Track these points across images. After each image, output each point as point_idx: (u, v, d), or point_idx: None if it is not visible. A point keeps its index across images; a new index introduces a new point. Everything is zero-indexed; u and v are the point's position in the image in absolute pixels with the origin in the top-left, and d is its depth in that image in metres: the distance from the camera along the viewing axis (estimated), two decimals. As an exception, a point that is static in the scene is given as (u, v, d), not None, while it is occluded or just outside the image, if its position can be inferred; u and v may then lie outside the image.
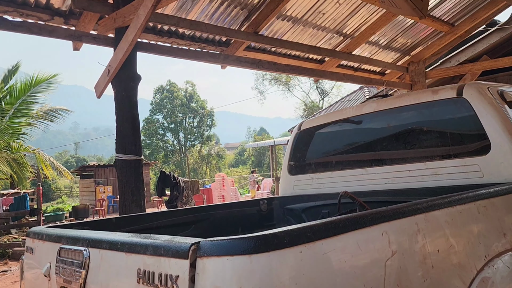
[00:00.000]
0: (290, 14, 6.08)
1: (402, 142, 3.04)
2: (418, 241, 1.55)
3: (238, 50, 6.03)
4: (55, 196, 40.08)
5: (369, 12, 6.63)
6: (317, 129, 3.70)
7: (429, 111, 2.92)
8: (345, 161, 3.43)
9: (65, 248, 1.79)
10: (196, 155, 45.48)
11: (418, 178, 2.82)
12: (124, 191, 4.21)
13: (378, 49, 7.87)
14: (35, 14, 4.28)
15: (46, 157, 14.29)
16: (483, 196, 1.93)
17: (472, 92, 2.66)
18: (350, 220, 1.39)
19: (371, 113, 3.25)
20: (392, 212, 1.53)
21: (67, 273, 1.73)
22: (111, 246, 1.52)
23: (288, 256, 1.17)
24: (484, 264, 1.75)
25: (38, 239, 2.10)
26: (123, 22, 4.15)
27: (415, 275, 1.49)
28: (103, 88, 4.31)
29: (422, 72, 8.29)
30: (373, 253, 1.39)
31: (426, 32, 7.83)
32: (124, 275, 1.42)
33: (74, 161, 59.38)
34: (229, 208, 3.43)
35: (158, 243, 1.31)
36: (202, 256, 1.16)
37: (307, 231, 1.25)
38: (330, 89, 41.31)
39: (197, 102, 47.19)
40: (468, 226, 1.81)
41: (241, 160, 56.12)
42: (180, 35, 5.53)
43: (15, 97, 13.30)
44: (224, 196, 17.38)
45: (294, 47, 6.46)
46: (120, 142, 4.23)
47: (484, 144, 2.56)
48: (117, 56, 4.07)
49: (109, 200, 21.29)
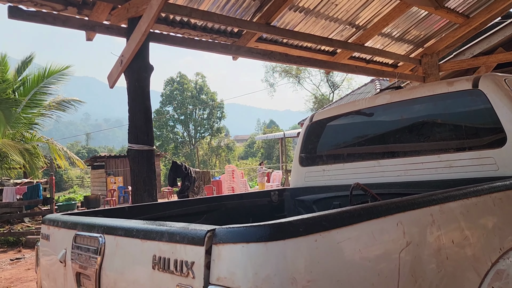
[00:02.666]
0: (302, 5, 6.03)
1: (416, 134, 3.02)
2: (432, 232, 1.54)
3: (250, 41, 6.00)
4: (67, 186, 40.57)
5: (382, 3, 6.54)
6: (328, 121, 3.68)
7: (443, 103, 2.88)
8: (357, 153, 3.42)
9: (81, 235, 1.81)
10: (206, 147, 45.63)
11: (432, 170, 2.80)
12: (136, 181, 4.25)
13: (391, 41, 7.77)
14: (49, 4, 4.30)
15: (59, 147, 14.45)
16: (498, 189, 1.91)
17: (488, 84, 2.63)
18: (365, 209, 1.39)
19: (384, 104, 3.22)
20: (407, 202, 1.52)
21: (82, 259, 1.76)
22: (126, 232, 1.54)
23: (303, 244, 1.17)
24: (499, 256, 1.74)
25: (53, 226, 2.13)
26: (136, 12, 4.16)
27: (430, 266, 1.49)
28: (116, 78, 4.34)
29: (436, 64, 8.18)
30: (388, 243, 1.39)
31: (440, 24, 7.71)
32: (140, 261, 1.44)
33: (85, 151, 59.93)
34: (241, 198, 3.44)
35: (173, 230, 1.32)
36: (218, 243, 1.17)
37: (322, 220, 1.25)
38: (340, 82, 41.04)
39: (207, 94, 47.24)
40: (483, 218, 1.79)
41: (251, 153, 56.15)
42: (192, 26, 5.52)
43: (29, 88, 13.45)
44: (234, 188, 17.45)
45: (306, 38, 6.41)
46: (133, 132, 4.26)
47: (499, 137, 2.53)
48: (130, 46, 4.08)
49: (120, 190, 21.48)
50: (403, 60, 8.15)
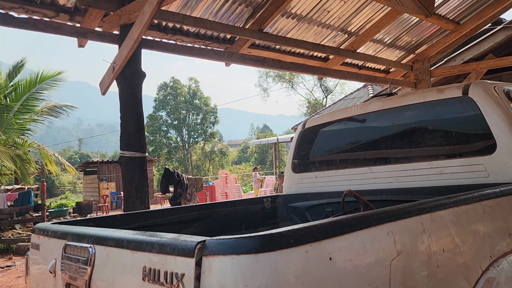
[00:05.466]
0: (294, 11, 6.07)
1: (407, 141, 3.03)
2: (423, 241, 1.54)
3: (243, 48, 6.02)
4: (59, 192, 40.24)
5: (374, 10, 6.60)
6: (321, 127, 3.69)
7: (434, 110, 2.90)
8: (350, 160, 3.43)
9: (71, 245, 1.79)
10: (199, 152, 45.52)
11: (423, 177, 2.81)
12: (128, 188, 4.23)
13: (383, 47, 7.84)
14: (41, 11, 4.28)
15: (51, 153, 14.34)
16: (488, 196, 1.92)
17: (478, 91, 2.65)
18: (356, 219, 1.39)
19: (376, 111, 3.24)
20: (398, 211, 1.52)
21: (72, 270, 1.74)
22: (117, 243, 1.52)
23: (294, 255, 1.17)
24: (489, 264, 1.75)
25: (43, 235, 2.11)
26: (128, 19, 4.15)
27: (420, 275, 1.49)
28: (108, 85, 4.32)
29: (427, 70, 8.26)
30: (379, 252, 1.39)
31: (431, 30, 7.79)
32: (130, 272, 1.42)
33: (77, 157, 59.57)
34: (233, 205, 3.43)
35: (164, 241, 1.31)
36: (208, 254, 1.16)
37: (313, 231, 1.25)
38: (333, 87, 41.22)
39: (201, 99, 47.19)
40: (473, 226, 1.80)
41: (244, 157, 56.13)
42: (184, 32, 5.52)
43: (20, 94, 13.36)
44: (227, 193, 17.39)
45: (299, 44, 6.45)
46: (125, 139, 4.24)
47: (489, 144, 2.55)
48: (122, 53, 4.07)
49: (113, 196, 21.37)
50: (395, 66, 8.21)
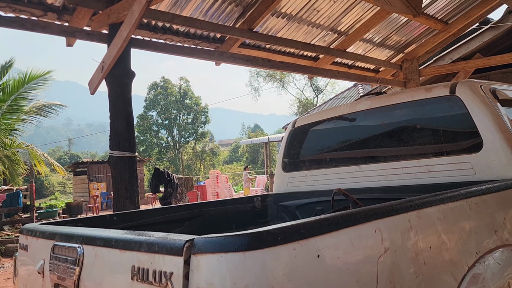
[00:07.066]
0: (284, 11, 6.08)
1: (396, 140, 3.06)
2: (410, 238, 1.56)
3: (233, 47, 6.02)
4: (48, 193, 39.83)
5: (363, 9, 6.64)
6: (311, 126, 3.71)
7: (422, 108, 2.94)
8: (339, 158, 3.45)
9: (59, 245, 1.78)
10: (190, 151, 45.38)
11: (411, 175, 2.84)
12: (118, 188, 4.20)
13: (372, 47, 7.89)
14: (28, 10, 4.24)
15: (40, 153, 14.20)
16: (475, 193, 1.94)
17: (465, 90, 2.68)
18: (344, 217, 1.40)
19: (365, 110, 3.26)
20: (385, 209, 1.54)
21: (61, 270, 1.73)
22: (105, 243, 1.52)
23: (282, 253, 1.18)
24: (475, 260, 1.77)
25: (31, 236, 2.09)
26: (117, 18, 4.13)
27: (407, 272, 1.51)
28: (97, 85, 4.29)
29: (416, 69, 8.33)
30: (366, 250, 1.40)
31: (419, 30, 7.86)
32: (118, 272, 1.42)
33: (67, 157, 58.98)
34: (223, 205, 3.43)
35: (152, 240, 1.31)
36: (196, 253, 1.16)
37: (300, 228, 1.25)
38: (324, 86, 41.42)
39: (191, 99, 47.05)
40: (460, 223, 1.83)
41: (235, 157, 56.07)
42: (174, 32, 5.51)
43: (8, 93, 13.18)
44: (218, 193, 17.38)
45: (289, 44, 6.46)
46: (114, 139, 4.22)
47: (476, 142, 2.59)
48: (111, 53, 4.05)
49: (103, 196, 21.21)
50: (385, 65, 8.27)
